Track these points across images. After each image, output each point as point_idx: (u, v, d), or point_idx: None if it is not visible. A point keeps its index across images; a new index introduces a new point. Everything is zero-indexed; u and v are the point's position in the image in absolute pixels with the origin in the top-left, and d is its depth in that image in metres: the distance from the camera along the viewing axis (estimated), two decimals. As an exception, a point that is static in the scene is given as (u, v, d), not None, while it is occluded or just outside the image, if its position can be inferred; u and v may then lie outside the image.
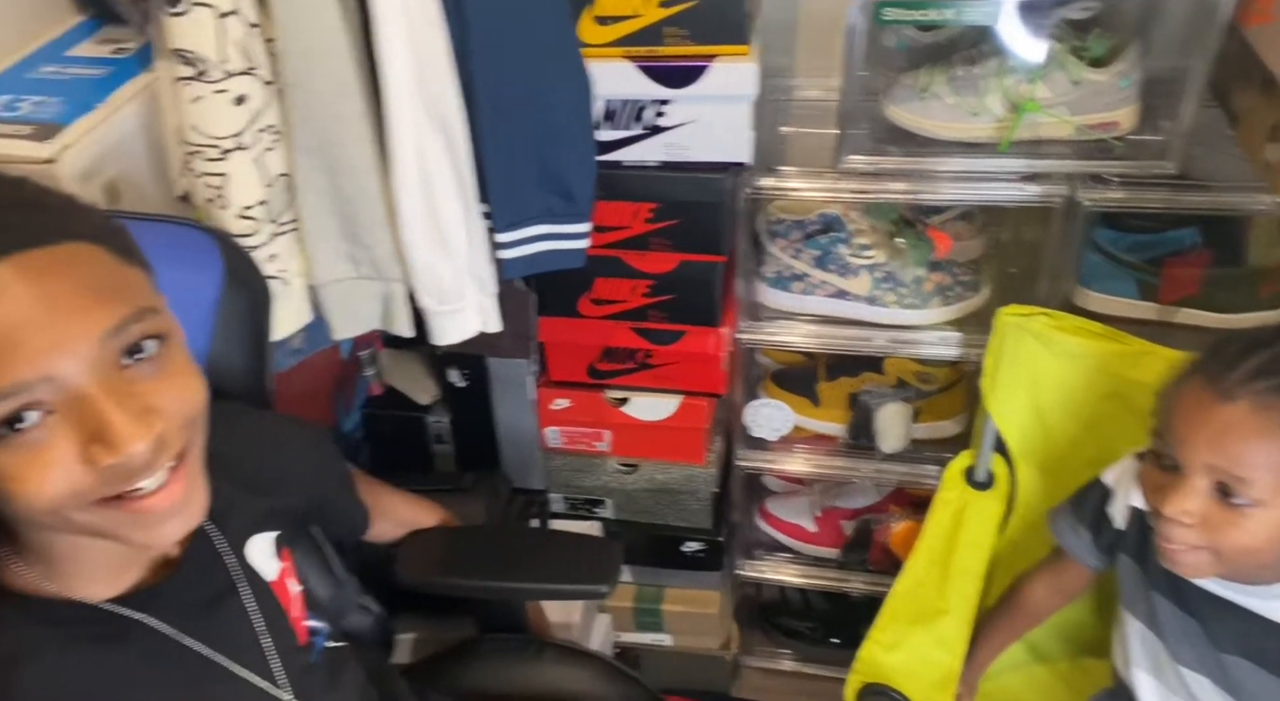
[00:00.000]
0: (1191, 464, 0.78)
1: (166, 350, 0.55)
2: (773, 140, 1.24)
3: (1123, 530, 0.96)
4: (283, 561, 0.75)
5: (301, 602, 0.75)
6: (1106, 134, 1.08)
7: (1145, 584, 0.94)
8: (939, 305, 1.22)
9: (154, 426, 0.52)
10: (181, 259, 0.77)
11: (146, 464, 0.52)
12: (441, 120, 0.89)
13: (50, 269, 0.51)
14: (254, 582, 0.71)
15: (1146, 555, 0.93)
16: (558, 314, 1.25)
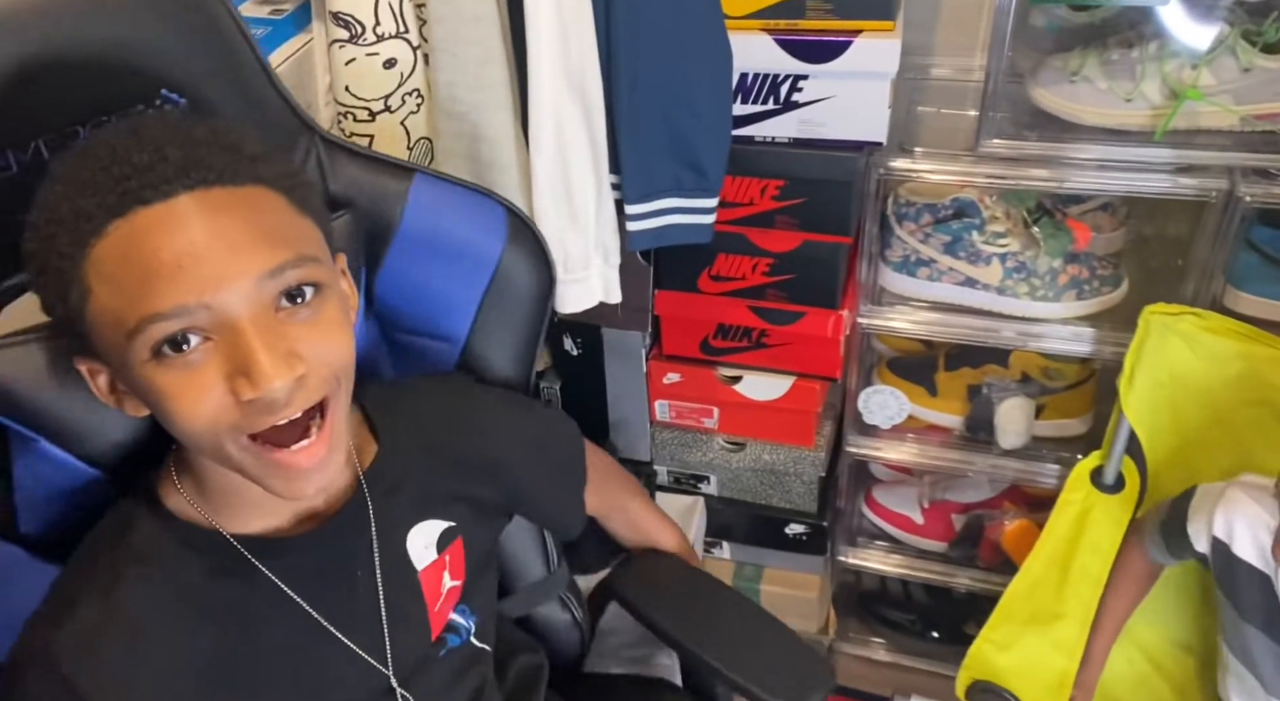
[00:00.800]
0: None
1: (322, 300, 0.57)
2: (908, 120, 1.20)
3: (1204, 554, 0.92)
4: (444, 554, 0.72)
5: (454, 596, 0.73)
6: (1275, 125, 1.01)
7: (1235, 616, 0.90)
8: (1073, 299, 1.17)
9: (295, 368, 0.54)
10: (471, 220, 0.77)
11: (286, 402, 0.54)
12: (581, 90, 0.90)
13: (228, 207, 0.54)
14: (396, 566, 0.69)
15: (1235, 584, 0.89)
16: (676, 288, 1.25)
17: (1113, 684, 1.07)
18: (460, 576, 0.73)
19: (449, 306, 0.78)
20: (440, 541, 0.72)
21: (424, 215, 0.74)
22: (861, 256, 1.22)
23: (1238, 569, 0.89)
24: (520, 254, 0.77)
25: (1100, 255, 1.18)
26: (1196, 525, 0.93)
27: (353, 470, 0.69)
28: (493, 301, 0.78)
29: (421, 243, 0.75)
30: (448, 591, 0.72)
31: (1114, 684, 1.07)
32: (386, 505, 0.69)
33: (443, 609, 0.72)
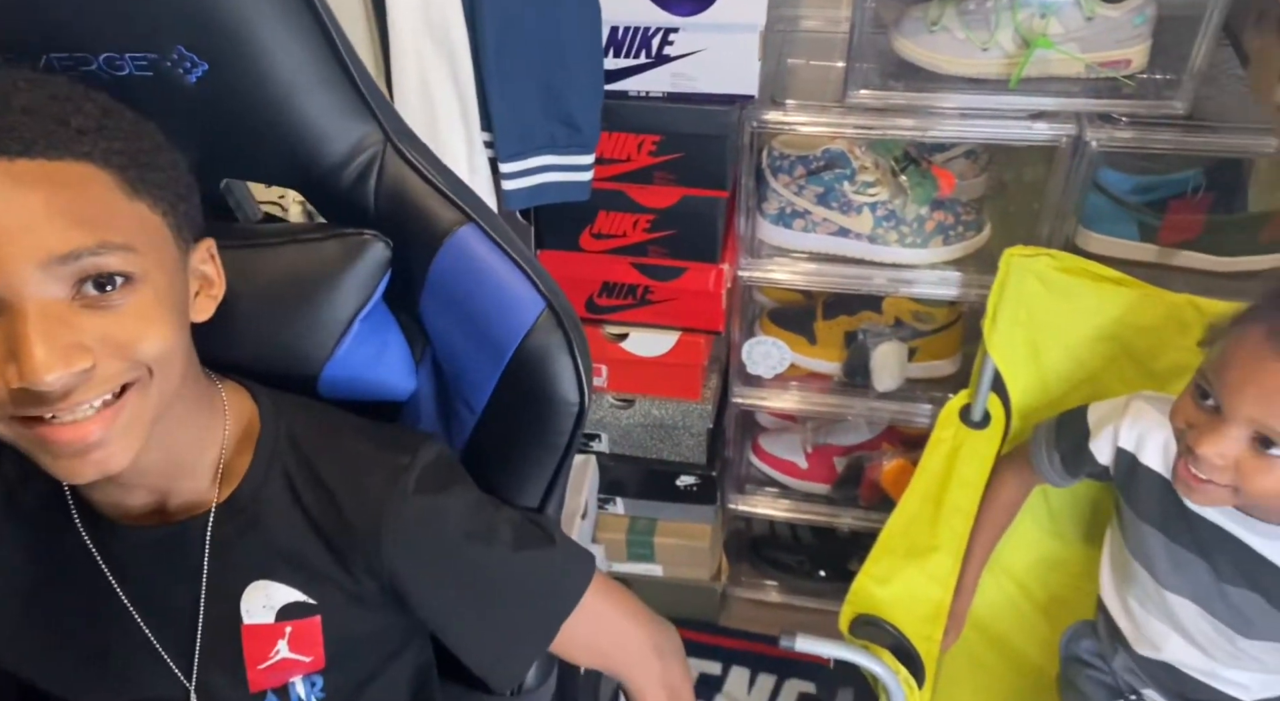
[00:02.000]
0: (1236, 412, 0.79)
1: (132, 290, 0.53)
2: (778, 73, 1.22)
3: (1106, 466, 0.99)
4: (284, 624, 0.65)
5: (294, 667, 0.66)
6: (1117, 72, 1.06)
7: (1134, 518, 0.96)
8: (940, 244, 1.21)
9: (75, 363, 0.50)
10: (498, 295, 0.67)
11: (61, 396, 0.51)
12: (446, 43, 0.87)
13: (33, 182, 0.50)
14: (221, 605, 0.64)
15: (1137, 491, 0.96)
16: (558, 247, 1.24)
17: (983, 608, 1.14)
18: (310, 653, 0.66)
19: (471, 375, 0.70)
20: (284, 611, 0.65)
21: (456, 268, 0.67)
22: (739, 210, 1.23)
23: (1142, 476, 0.95)
24: (549, 357, 0.67)
25: (964, 201, 1.23)
26: (1100, 440, 0.98)
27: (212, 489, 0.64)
28: (508, 393, 0.68)
29: (447, 296, 0.68)
30: (281, 659, 0.66)
31: (984, 608, 1.14)
32: (231, 545, 0.64)
33: (272, 671, 0.66)
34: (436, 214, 0.67)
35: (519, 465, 0.71)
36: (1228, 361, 0.81)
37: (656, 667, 0.76)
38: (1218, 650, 0.94)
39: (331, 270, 0.66)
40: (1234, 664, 0.94)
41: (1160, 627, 0.97)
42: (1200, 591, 0.92)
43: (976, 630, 1.13)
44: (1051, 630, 1.13)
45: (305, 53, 0.62)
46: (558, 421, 0.69)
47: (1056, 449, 1.03)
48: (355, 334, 0.68)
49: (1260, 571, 0.88)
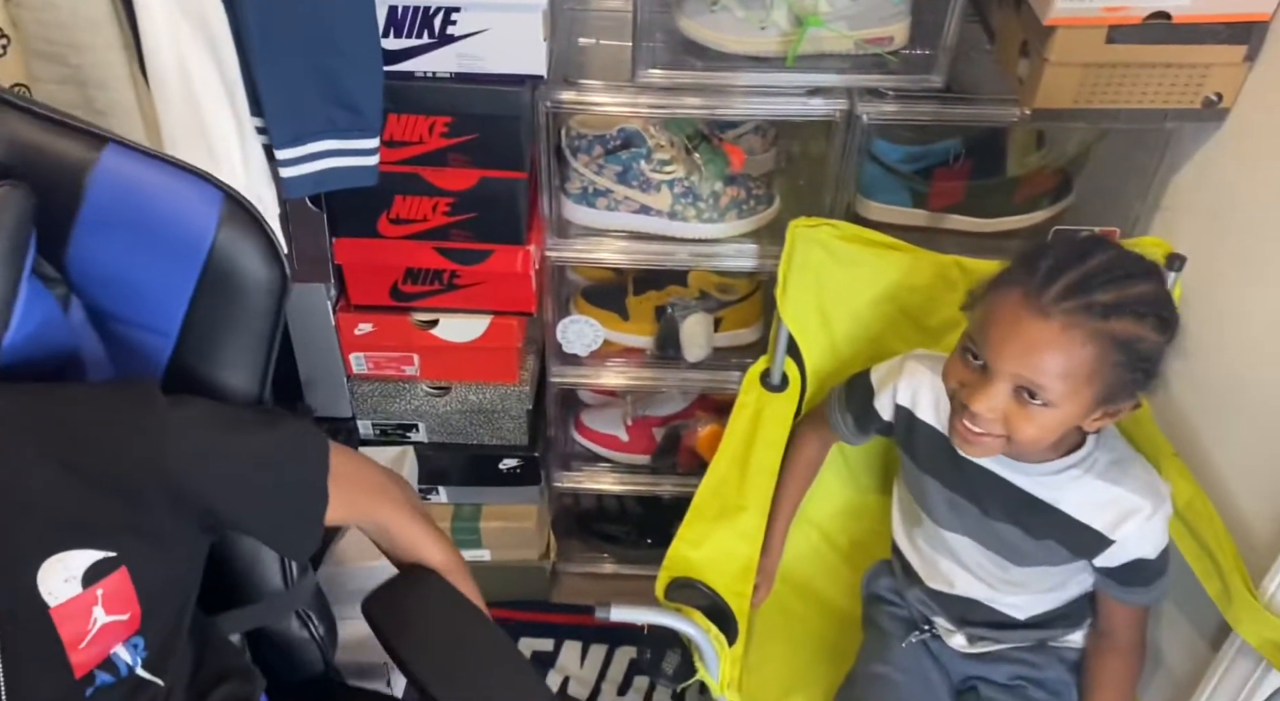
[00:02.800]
0: (1001, 369, 0.86)
1: None
2: (571, 52, 1.22)
3: (890, 422, 1.06)
4: (93, 588, 0.64)
5: (115, 632, 0.66)
6: (882, 48, 1.13)
7: (914, 468, 1.04)
8: (735, 218, 1.26)
9: None
10: (175, 200, 0.67)
11: None
12: (203, 22, 0.82)
13: None
14: (18, 602, 0.62)
15: (914, 443, 1.04)
16: (355, 234, 1.20)
17: (791, 559, 1.20)
18: (126, 610, 0.66)
19: (156, 297, 0.69)
20: (89, 574, 0.64)
21: (115, 191, 0.65)
22: (541, 190, 1.23)
23: (919, 429, 1.02)
24: (242, 245, 0.68)
25: (755, 176, 1.28)
26: (882, 399, 1.05)
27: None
28: (208, 297, 0.69)
29: (114, 222, 0.66)
30: (100, 627, 0.65)
31: (792, 559, 1.20)
32: (6, 533, 0.62)
33: (93, 646, 0.65)
34: (68, 148, 0.64)
35: (233, 364, 0.72)
36: (989, 322, 0.88)
37: (398, 493, 0.85)
38: (994, 578, 1.03)
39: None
40: (1009, 590, 1.03)
41: (946, 564, 1.05)
42: (973, 528, 1.01)
43: (785, 582, 1.19)
44: (854, 574, 1.21)
45: None
46: (263, 302, 0.71)
47: (849, 410, 1.10)
48: (24, 298, 0.65)
49: (1022, 507, 0.97)
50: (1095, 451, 0.96)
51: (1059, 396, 0.86)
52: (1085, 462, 0.95)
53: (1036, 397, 0.86)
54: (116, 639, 0.65)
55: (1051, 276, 0.85)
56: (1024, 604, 1.04)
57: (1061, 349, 0.84)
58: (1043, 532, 0.97)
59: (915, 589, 1.10)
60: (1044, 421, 0.87)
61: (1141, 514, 0.93)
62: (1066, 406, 0.87)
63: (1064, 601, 1.04)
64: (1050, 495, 0.96)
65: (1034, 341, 0.85)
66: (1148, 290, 0.87)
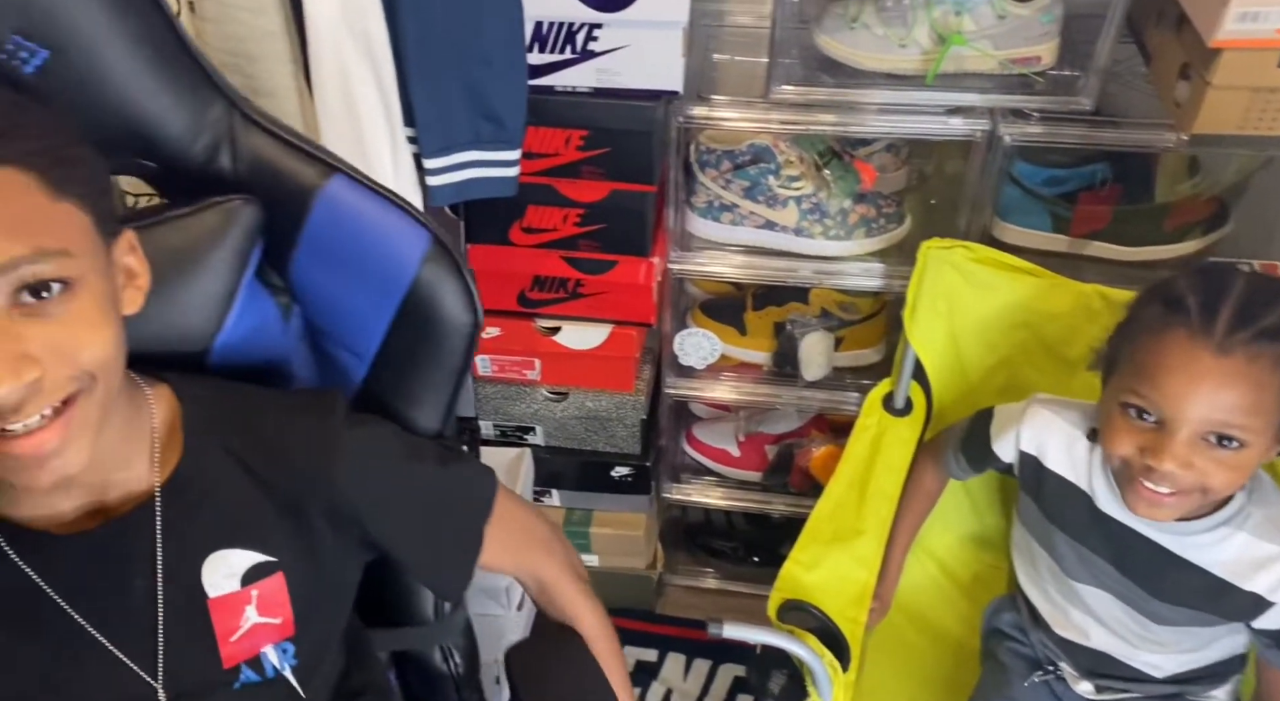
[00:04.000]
0: (1185, 419, 0.80)
1: (71, 296, 0.53)
2: (705, 68, 1.23)
3: (1010, 464, 1.02)
4: (249, 588, 0.66)
5: (266, 633, 0.67)
6: (1028, 68, 1.10)
7: (1042, 516, 0.99)
8: (863, 236, 1.24)
9: (24, 374, 0.51)
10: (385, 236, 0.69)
11: (14, 408, 0.51)
12: (365, 38, 0.86)
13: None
14: (182, 586, 0.65)
15: (1042, 492, 0.98)
16: (488, 242, 1.24)
17: (907, 589, 1.17)
18: (278, 614, 0.67)
19: (358, 320, 0.72)
20: (248, 575, 0.66)
21: (333, 219, 0.68)
22: (668, 204, 1.24)
23: (1048, 479, 0.97)
24: (441, 285, 0.70)
25: (885, 194, 1.26)
26: (1002, 443, 1.00)
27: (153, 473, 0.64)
28: (403, 328, 0.71)
29: (330, 245, 0.69)
30: (252, 626, 0.67)
31: (908, 588, 1.17)
32: (183, 522, 0.64)
33: (243, 642, 0.66)
34: (301, 171, 0.68)
35: (419, 396, 0.74)
36: (1157, 371, 0.81)
37: (560, 552, 0.84)
38: (1132, 635, 0.97)
39: (212, 241, 0.67)
40: (1149, 648, 0.97)
41: (1078, 615, 1.00)
42: (1108, 582, 0.95)
43: (900, 610, 1.16)
44: (972, 606, 1.17)
45: (140, 29, 0.62)
46: (454, 343, 0.72)
47: (963, 449, 1.06)
48: (241, 302, 0.69)
49: (1166, 566, 0.91)
50: (1247, 506, 0.89)
51: (1254, 434, 0.80)
52: (1238, 519, 0.88)
53: (1231, 441, 0.80)
54: (267, 640, 0.67)
55: (1210, 310, 0.79)
56: (1164, 662, 0.98)
57: (1251, 383, 0.78)
58: (1188, 594, 0.91)
59: (1041, 633, 1.05)
60: (1240, 463, 0.81)
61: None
62: (1260, 443, 0.81)
63: (1210, 661, 0.97)
64: (1198, 555, 0.89)
65: (1222, 382, 0.78)
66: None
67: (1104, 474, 0.93)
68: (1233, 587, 0.89)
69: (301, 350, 0.75)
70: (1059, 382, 1.09)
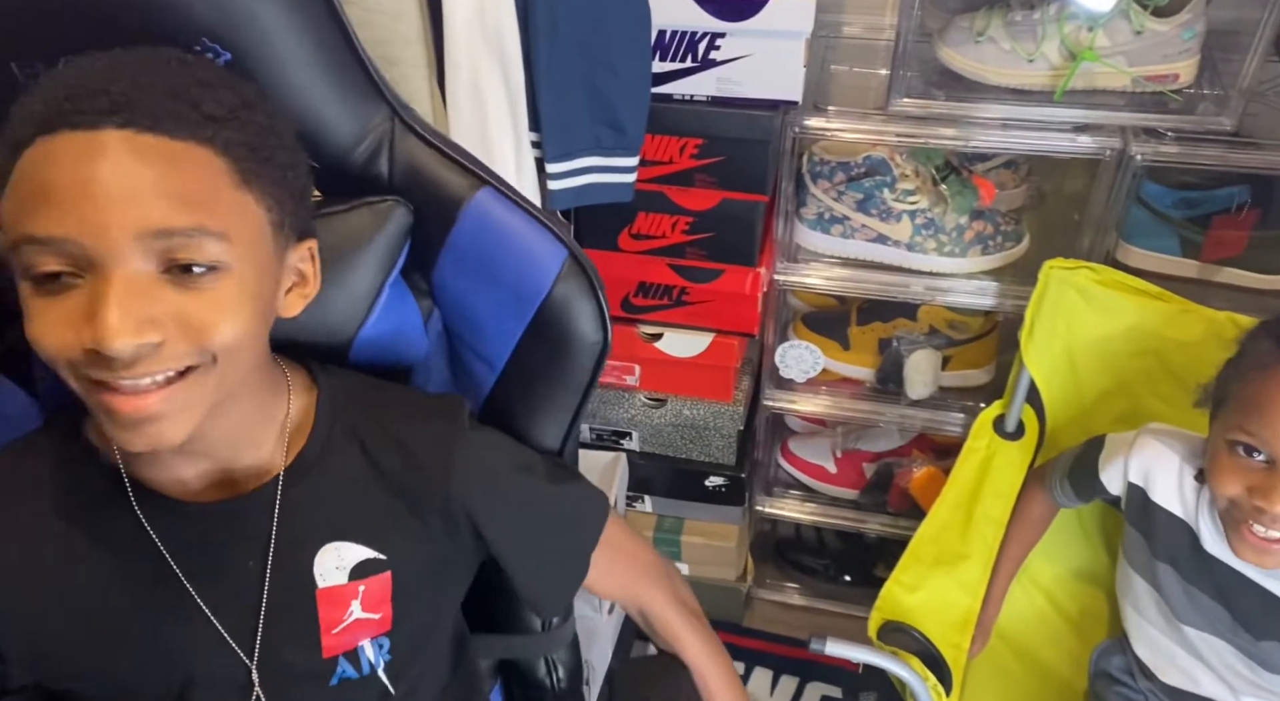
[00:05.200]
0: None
1: (219, 279, 0.55)
2: (821, 79, 1.22)
3: (1117, 496, 0.98)
4: (357, 583, 0.66)
5: (366, 627, 0.68)
6: (1164, 86, 1.06)
7: (1148, 551, 0.95)
8: (978, 254, 1.21)
9: (146, 335, 0.52)
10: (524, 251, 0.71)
11: (126, 365, 0.53)
12: (498, 45, 0.88)
13: (151, 156, 0.52)
14: (292, 573, 0.65)
15: (1150, 527, 0.94)
16: (596, 247, 1.25)
17: (1011, 620, 1.13)
18: (380, 610, 0.68)
19: (492, 330, 0.74)
20: (357, 569, 0.67)
21: (478, 228, 0.70)
22: (778, 214, 1.24)
23: (1155, 513, 0.94)
24: (573, 303, 0.71)
25: (1003, 211, 1.23)
26: (1110, 473, 0.98)
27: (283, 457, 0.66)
28: (534, 342, 0.72)
29: (470, 257, 0.71)
30: (354, 620, 0.67)
31: (1012, 620, 1.14)
32: (301, 508, 0.66)
33: (344, 634, 0.67)
34: (452, 181, 0.70)
35: (543, 411, 0.75)
36: (1268, 410, 0.78)
37: (668, 585, 0.83)
38: (1242, 681, 0.93)
39: (361, 239, 0.69)
40: (1254, 694, 0.93)
41: (1186, 660, 0.96)
42: (1219, 627, 0.91)
43: (1003, 640, 1.13)
44: (1080, 644, 1.13)
45: (318, 36, 0.65)
46: (583, 361, 0.73)
47: (1069, 476, 1.03)
48: (385, 300, 0.71)
49: (1275, 613, 0.87)
50: None
51: None
52: None
53: None
54: (366, 634, 0.68)
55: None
56: None
57: None
58: None
59: (1148, 681, 1.01)
60: None
61: None
62: None
63: None
64: None
65: None
66: None
67: (1210, 513, 0.89)
68: None
69: (438, 353, 0.76)
70: (1184, 413, 1.04)
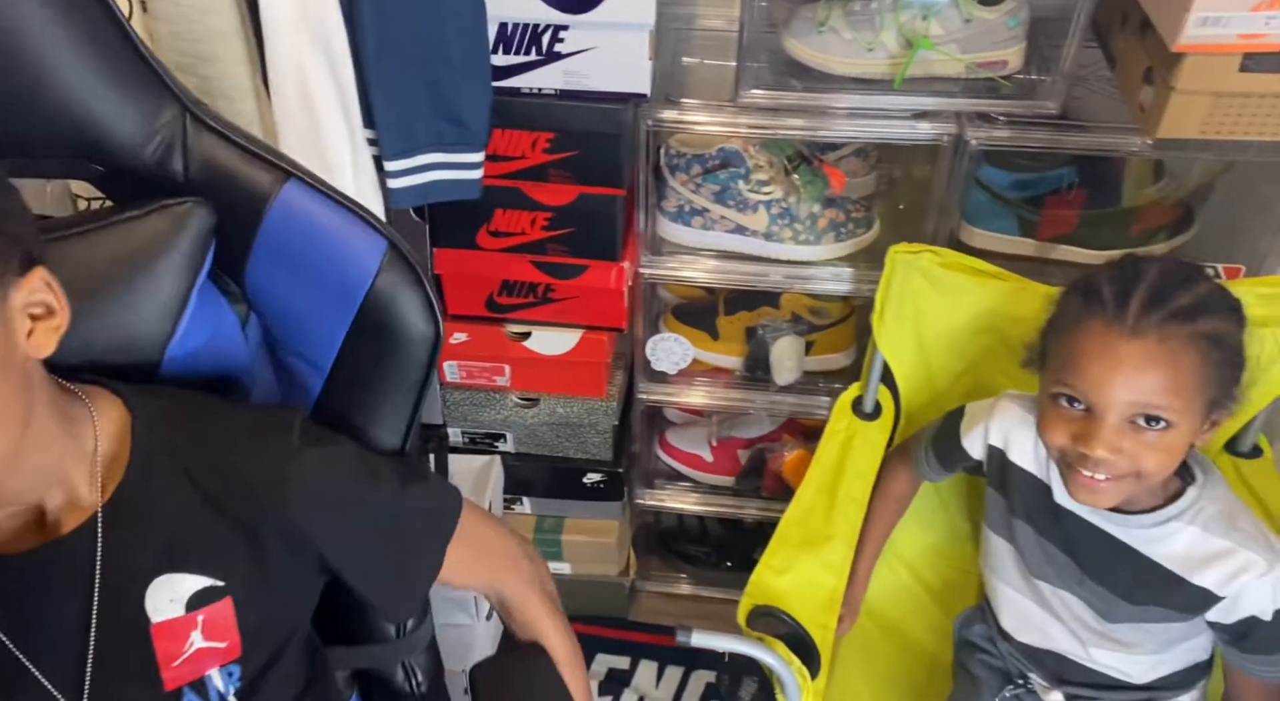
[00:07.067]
0: (1110, 404, 0.82)
1: None
2: (674, 71, 1.23)
3: (979, 461, 1.02)
4: (195, 613, 0.64)
5: (211, 657, 0.65)
6: (994, 72, 1.10)
7: (1007, 510, 1.00)
8: (832, 241, 1.24)
9: None
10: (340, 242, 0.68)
11: None
12: (324, 39, 0.85)
13: None
14: (122, 611, 0.63)
15: (1008, 487, 0.99)
16: (455, 245, 1.23)
17: (878, 595, 1.17)
18: (224, 638, 0.65)
19: (314, 329, 0.70)
20: (194, 599, 0.64)
21: (288, 224, 0.67)
22: (638, 207, 1.24)
23: (1013, 473, 0.98)
24: (399, 294, 0.68)
25: (855, 199, 1.26)
26: (971, 438, 1.02)
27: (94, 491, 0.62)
28: (360, 338, 0.69)
29: (284, 251, 0.67)
30: (196, 650, 0.65)
31: (879, 595, 1.17)
32: (126, 542, 0.62)
33: (186, 666, 0.65)
34: (255, 176, 0.66)
35: (378, 409, 0.72)
36: (1080, 361, 0.84)
37: (528, 569, 0.82)
38: (1090, 633, 0.97)
39: (161, 244, 0.65)
40: (1108, 646, 0.98)
41: (1039, 615, 1.00)
42: (1068, 580, 0.96)
43: (870, 617, 1.16)
44: (944, 615, 1.17)
45: (86, 28, 0.61)
46: (415, 355, 0.70)
47: (933, 446, 1.07)
48: (194, 307, 0.67)
49: (1119, 558, 0.92)
50: (1199, 500, 0.90)
51: (1177, 413, 0.82)
52: (1189, 513, 0.89)
53: (1157, 422, 0.82)
54: (212, 663, 0.65)
55: (1124, 297, 0.83)
56: (1129, 667, 0.98)
57: (1167, 363, 0.81)
58: (1139, 588, 0.92)
59: (1008, 643, 1.05)
60: (1169, 444, 0.83)
61: (1255, 569, 0.87)
62: (1185, 422, 0.83)
63: (1173, 669, 0.98)
64: (1151, 548, 0.91)
65: (1139, 363, 0.81)
66: (1212, 287, 0.85)
67: None
68: (1183, 581, 0.89)
69: (260, 360, 0.73)
70: (1024, 385, 1.08)
